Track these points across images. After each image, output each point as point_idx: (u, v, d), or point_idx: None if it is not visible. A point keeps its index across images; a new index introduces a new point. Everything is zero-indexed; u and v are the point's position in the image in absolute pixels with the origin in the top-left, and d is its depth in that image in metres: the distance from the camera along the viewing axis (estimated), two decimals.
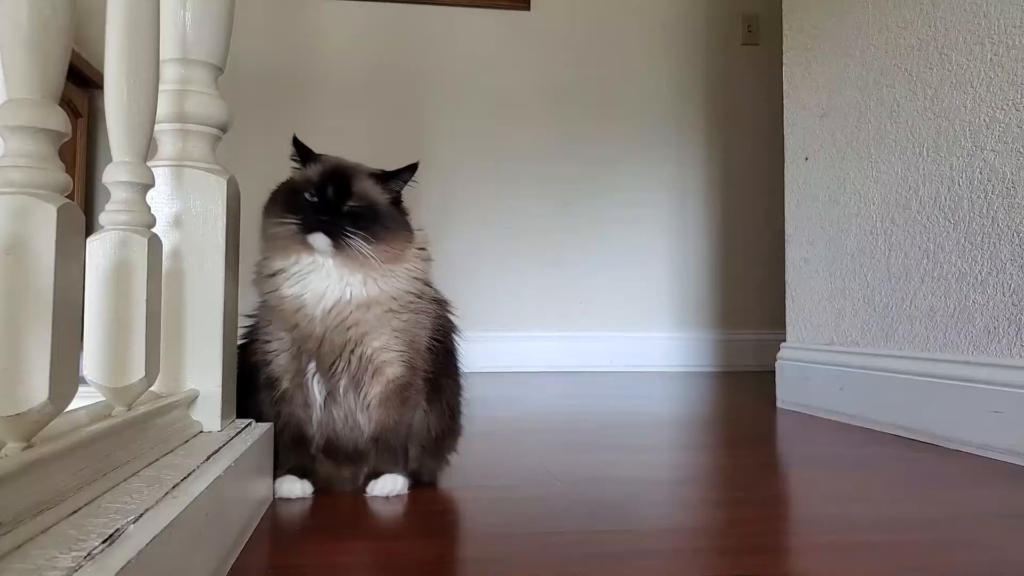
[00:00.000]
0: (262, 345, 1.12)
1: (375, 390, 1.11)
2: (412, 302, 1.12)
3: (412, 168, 1.14)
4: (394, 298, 1.10)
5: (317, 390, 1.10)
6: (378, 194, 1.12)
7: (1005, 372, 1.45)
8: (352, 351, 1.09)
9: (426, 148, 3.23)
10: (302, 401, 1.11)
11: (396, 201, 1.14)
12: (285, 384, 1.10)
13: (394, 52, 3.30)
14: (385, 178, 1.14)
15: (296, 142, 1.15)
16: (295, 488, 1.08)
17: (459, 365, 1.22)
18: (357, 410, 1.11)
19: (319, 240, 1.06)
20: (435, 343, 1.16)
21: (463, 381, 1.23)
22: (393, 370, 1.11)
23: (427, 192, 1.08)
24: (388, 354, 1.10)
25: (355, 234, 1.06)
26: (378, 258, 1.07)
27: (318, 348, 1.08)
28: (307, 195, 1.09)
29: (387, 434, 1.11)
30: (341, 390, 1.10)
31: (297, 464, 1.11)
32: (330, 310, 1.07)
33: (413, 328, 1.12)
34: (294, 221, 1.06)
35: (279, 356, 1.10)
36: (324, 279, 1.08)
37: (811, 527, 1.05)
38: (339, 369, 1.09)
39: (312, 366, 1.10)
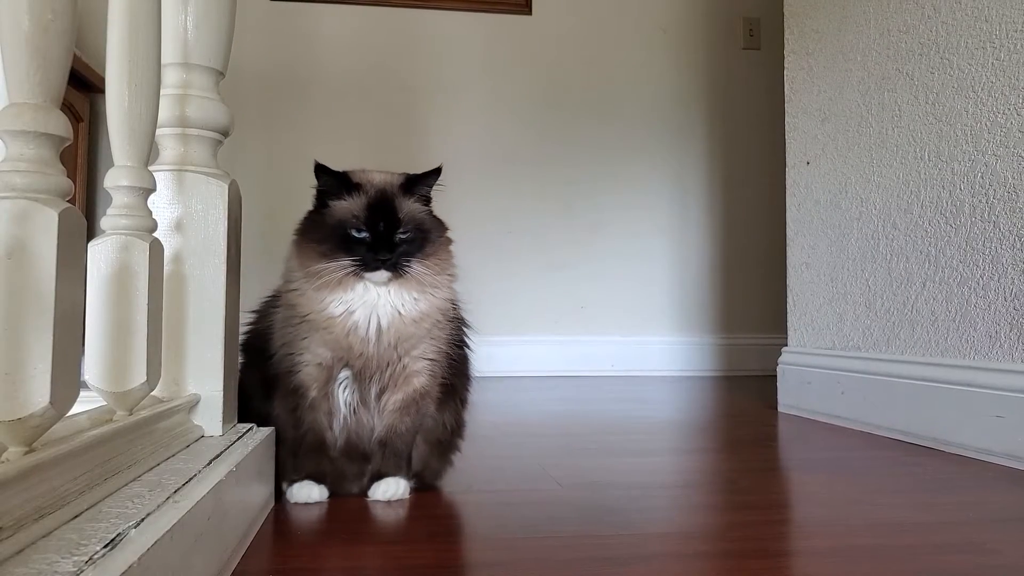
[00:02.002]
0: (287, 355, 1.10)
1: (397, 396, 1.12)
2: (451, 310, 1.14)
3: (437, 172, 1.14)
4: (440, 309, 1.12)
5: (343, 397, 1.11)
6: (419, 210, 1.12)
7: (1006, 377, 1.45)
8: (395, 363, 1.10)
9: (426, 151, 3.22)
10: (327, 409, 1.11)
11: (426, 203, 1.14)
12: (314, 393, 1.10)
13: (395, 56, 3.30)
14: (415, 184, 1.13)
15: (323, 170, 1.10)
16: (313, 493, 1.09)
17: (469, 359, 1.22)
18: (375, 414, 1.12)
19: (380, 276, 1.07)
20: (453, 346, 1.17)
21: (471, 370, 1.23)
22: (420, 380, 1.12)
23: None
24: (421, 363, 1.12)
25: (411, 260, 1.08)
26: (432, 271, 1.10)
27: (364, 363, 1.09)
28: (354, 232, 1.07)
29: (395, 439, 1.12)
30: (373, 396, 1.11)
31: (315, 470, 1.10)
32: (385, 330, 1.08)
33: (444, 335, 1.14)
34: (352, 264, 1.05)
35: (308, 367, 1.10)
36: (375, 297, 1.08)
37: (812, 531, 1.05)
38: (376, 378, 1.10)
39: (344, 374, 1.10)
